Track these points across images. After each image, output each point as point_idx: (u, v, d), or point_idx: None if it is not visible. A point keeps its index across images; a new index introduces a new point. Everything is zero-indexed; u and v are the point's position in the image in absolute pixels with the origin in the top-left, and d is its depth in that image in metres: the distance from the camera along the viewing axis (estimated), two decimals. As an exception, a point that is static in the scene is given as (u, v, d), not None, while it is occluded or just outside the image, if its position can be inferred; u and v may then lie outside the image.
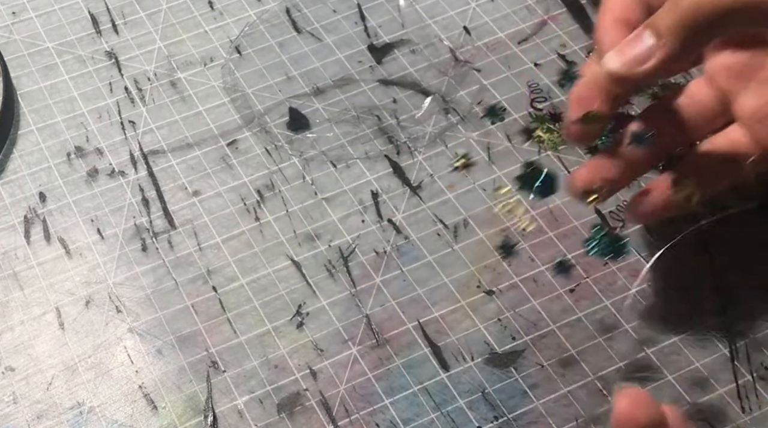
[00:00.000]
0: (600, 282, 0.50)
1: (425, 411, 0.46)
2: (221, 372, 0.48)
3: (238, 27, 0.63)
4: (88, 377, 0.48)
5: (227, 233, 0.53)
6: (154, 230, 0.53)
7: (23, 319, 0.50)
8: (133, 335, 0.49)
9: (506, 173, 0.55)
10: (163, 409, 0.47)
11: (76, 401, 0.47)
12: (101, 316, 0.50)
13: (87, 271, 0.52)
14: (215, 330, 0.49)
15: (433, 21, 0.63)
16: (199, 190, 0.55)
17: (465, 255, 0.51)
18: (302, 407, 0.46)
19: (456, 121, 0.57)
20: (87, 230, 0.53)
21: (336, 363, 0.48)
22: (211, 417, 0.46)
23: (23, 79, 0.61)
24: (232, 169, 0.56)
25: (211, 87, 0.60)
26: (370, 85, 0.60)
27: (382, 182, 0.55)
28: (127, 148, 0.57)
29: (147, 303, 0.50)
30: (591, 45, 0.61)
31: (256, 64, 0.61)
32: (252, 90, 0.60)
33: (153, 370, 0.48)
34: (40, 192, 0.55)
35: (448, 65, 0.61)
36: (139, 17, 0.64)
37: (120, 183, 0.55)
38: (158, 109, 0.59)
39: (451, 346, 0.48)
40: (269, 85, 0.60)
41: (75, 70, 0.61)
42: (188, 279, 0.51)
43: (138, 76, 0.61)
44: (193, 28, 0.64)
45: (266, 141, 0.57)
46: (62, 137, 0.58)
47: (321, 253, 0.52)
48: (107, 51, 0.62)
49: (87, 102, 0.59)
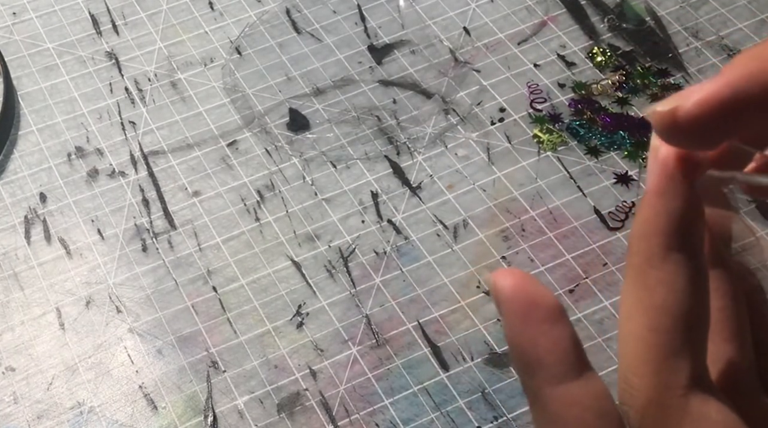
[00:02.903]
0: (600, 282, 0.50)
1: (425, 411, 0.46)
2: (221, 372, 0.48)
3: (238, 28, 0.63)
4: (89, 377, 0.48)
5: (227, 233, 0.53)
6: (155, 230, 0.53)
7: (23, 319, 0.50)
8: (133, 335, 0.49)
9: (506, 174, 0.55)
10: (163, 409, 0.47)
11: (77, 401, 0.47)
12: (101, 316, 0.50)
13: (87, 271, 0.52)
14: (215, 330, 0.49)
15: (432, 22, 0.63)
16: (199, 190, 0.55)
17: (465, 255, 0.51)
18: (302, 407, 0.46)
19: (456, 121, 0.57)
20: (87, 230, 0.53)
21: (336, 363, 0.48)
22: (211, 417, 0.46)
23: (24, 80, 0.61)
24: (232, 169, 0.56)
25: (212, 87, 0.60)
26: (370, 85, 0.60)
27: (382, 182, 0.55)
28: (127, 148, 0.57)
29: (147, 303, 0.50)
30: (590, 46, 0.61)
31: (256, 64, 0.61)
32: (252, 90, 0.60)
33: (153, 370, 0.48)
34: (41, 192, 0.55)
35: (448, 66, 0.61)
36: (140, 18, 0.64)
37: (120, 183, 0.55)
38: (158, 109, 0.59)
39: (450, 346, 0.48)
40: (269, 86, 0.60)
41: (75, 71, 0.61)
42: (188, 279, 0.51)
43: (138, 77, 0.61)
44: (194, 29, 0.64)
45: (266, 142, 0.57)
46: (62, 137, 0.58)
47: (321, 253, 0.52)
48: (107, 52, 0.62)
49: (87, 102, 0.60)
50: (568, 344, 0.22)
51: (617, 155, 0.56)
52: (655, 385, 0.22)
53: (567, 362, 0.22)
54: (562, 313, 0.23)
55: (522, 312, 0.22)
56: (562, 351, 0.22)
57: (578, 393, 0.22)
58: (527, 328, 0.22)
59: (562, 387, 0.22)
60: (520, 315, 0.22)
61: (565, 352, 0.22)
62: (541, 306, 0.22)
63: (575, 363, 0.22)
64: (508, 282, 0.22)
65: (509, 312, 0.22)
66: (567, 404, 0.22)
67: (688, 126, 0.21)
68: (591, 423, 0.22)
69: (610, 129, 0.57)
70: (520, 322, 0.22)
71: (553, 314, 0.22)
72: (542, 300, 0.22)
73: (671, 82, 0.59)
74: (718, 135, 0.21)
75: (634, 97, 0.59)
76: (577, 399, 0.22)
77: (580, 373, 0.22)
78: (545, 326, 0.22)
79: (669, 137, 0.22)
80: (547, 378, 0.22)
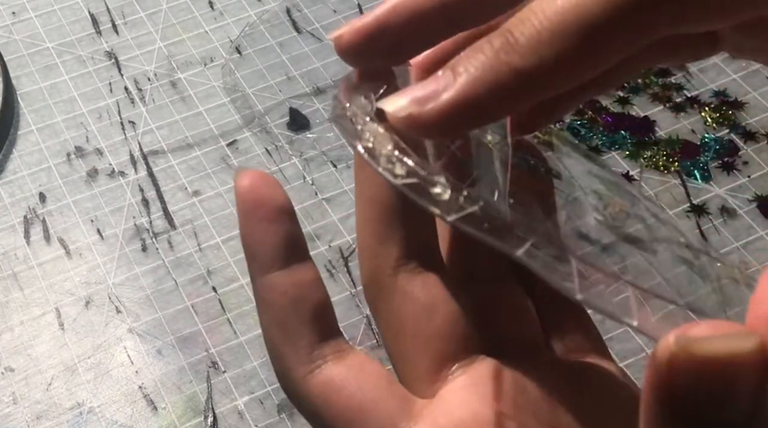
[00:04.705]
0: (600, 283, 0.50)
1: (425, 412, 0.46)
2: (221, 373, 0.48)
3: (238, 27, 0.63)
4: (88, 377, 0.48)
5: (227, 233, 0.53)
6: (154, 230, 0.53)
7: (23, 319, 0.50)
8: (133, 335, 0.49)
9: (507, 174, 0.55)
10: (163, 410, 0.47)
11: (76, 401, 0.47)
12: (101, 316, 0.50)
13: (87, 271, 0.52)
14: (215, 331, 0.49)
15: (433, 21, 0.63)
16: (199, 190, 0.55)
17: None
18: (302, 407, 0.46)
19: (456, 121, 0.57)
20: (87, 230, 0.53)
21: (336, 364, 0.48)
22: (211, 418, 0.46)
23: (23, 80, 0.61)
24: (232, 169, 0.56)
25: (211, 87, 0.60)
26: (371, 85, 0.59)
27: (382, 182, 0.55)
28: (127, 148, 0.57)
29: (147, 304, 0.50)
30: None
31: (256, 64, 0.61)
32: (252, 90, 0.60)
33: (153, 370, 0.48)
34: (40, 192, 0.55)
35: (449, 65, 0.60)
36: (139, 17, 0.64)
37: (120, 183, 0.55)
38: (158, 109, 0.59)
39: (451, 346, 0.48)
40: (269, 86, 0.60)
41: (75, 71, 0.61)
42: (188, 280, 0.51)
43: (138, 77, 0.61)
44: (193, 29, 0.63)
45: (266, 141, 0.57)
46: (62, 137, 0.58)
47: (321, 253, 0.52)
48: (107, 51, 0.62)
49: (87, 102, 0.59)
50: (279, 238, 0.26)
51: (618, 154, 0.55)
52: (369, 267, 0.26)
53: (274, 255, 0.25)
54: (283, 213, 0.26)
55: (247, 210, 0.26)
56: (271, 245, 0.25)
57: (279, 281, 0.25)
58: (248, 223, 0.26)
59: (268, 276, 0.25)
60: (245, 212, 0.26)
61: (273, 246, 0.25)
62: (265, 206, 0.26)
63: (283, 255, 0.25)
64: (245, 183, 0.26)
65: (239, 209, 0.26)
66: (268, 289, 0.25)
67: (348, 47, 0.25)
68: (284, 305, 0.25)
69: (611, 129, 0.57)
70: (244, 218, 0.26)
71: (273, 213, 0.26)
72: (269, 201, 0.26)
73: (672, 81, 0.59)
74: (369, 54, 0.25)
75: (635, 97, 0.58)
76: (277, 286, 0.25)
77: (286, 264, 0.25)
78: (264, 223, 0.26)
79: (345, 57, 0.25)
80: (258, 267, 0.26)
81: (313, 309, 0.26)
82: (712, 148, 0.56)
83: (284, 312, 0.25)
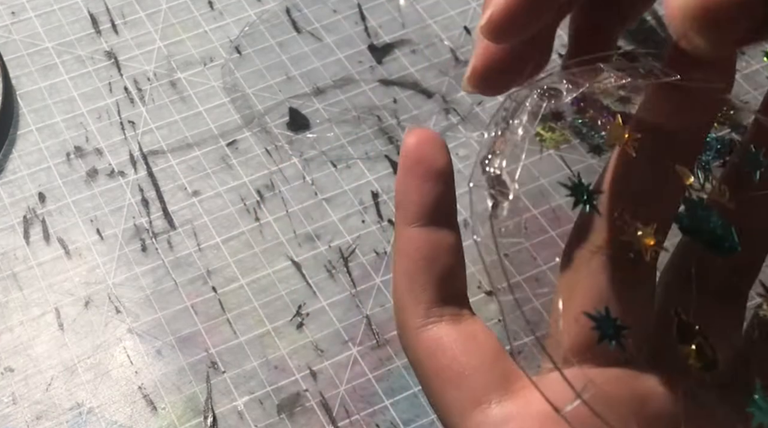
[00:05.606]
0: (601, 282, 0.50)
1: (425, 412, 0.46)
2: (221, 373, 0.48)
3: (238, 27, 0.63)
4: (88, 378, 0.48)
5: (227, 233, 0.53)
6: (154, 230, 0.53)
7: (22, 320, 0.50)
8: (132, 335, 0.49)
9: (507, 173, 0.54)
10: (163, 410, 0.46)
11: (76, 402, 0.47)
12: (101, 317, 0.50)
13: (86, 271, 0.51)
14: (215, 331, 0.49)
15: (433, 21, 0.63)
16: (199, 190, 0.55)
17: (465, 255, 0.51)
18: (302, 408, 0.46)
19: (456, 121, 0.57)
20: (86, 230, 0.53)
21: (336, 364, 0.48)
22: (211, 418, 0.46)
23: (22, 79, 0.61)
24: (232, 169, 0.56)
25: (211, 87, 0.60)
26: (371, 85, 0.59)
27: (382, 182, 0.55)
28: (126, 148, 0.57)
29: (147, 304, 0.50)
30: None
31: (256, 64, 0.61)
32: (252, 90, 0.60)
33: (153, 371, 0.48)
34: (40, 192, 0.55)
35: (449, 65, 0.60)
36: (139, 17, 0.64)
37: (119, 183, 0.55)
38: (158, 109, 0.59)
39: (451, 347, 0.48)
40: (269, 85, 0.60)
41: (74, 70, 0.61)
42: (188, 280, 0.51)
43: (138, 76, 0.61)
44: (193, 28, 0.63)
45: (266, 141, 0.57)
46: (62, 137, 0.58)
47: (321, 253, 0.52)
48: (107, 51, 0.62)
49: (86, 102, 0.59)
50: (428, 198, 0.28)
51: (619, 154, 0.55)
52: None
53: (419, 211, 0.28)
54: (439, 175, 0.28)
55: (407, 165, 0.28)
56: (419, 201, 0.28)
57: (417, 235, 0.28)
58: (404, 177, 0.28)
59: (410, 228, 0.28)
60: (405, 168, 0.28)
61: (420, 203, 0.28)
62: (423, 165, 0.28)
63: (428, 213, 0.28)
64: (412, 140, 0.28)
65: (400, 163, 0.28)
66: (406, 240, 0.28)
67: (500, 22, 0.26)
68: (417, 260, 0.27)
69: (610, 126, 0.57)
70: (402, 173, 0.28)
71: (429, 174, 0.28)
72: (429, 161, 0.28)
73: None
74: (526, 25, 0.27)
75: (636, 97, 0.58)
76: (414, 240, 0.28)
77: (427, 223, 0.28)
78: (417, 180, 0.28)
79: (495, 37, 0.27)
80: (402, 217, 0.28)
81: (441, 272, 0.28)
82: (713, 147, 0.55)
83: (414, 266, 0.27)
